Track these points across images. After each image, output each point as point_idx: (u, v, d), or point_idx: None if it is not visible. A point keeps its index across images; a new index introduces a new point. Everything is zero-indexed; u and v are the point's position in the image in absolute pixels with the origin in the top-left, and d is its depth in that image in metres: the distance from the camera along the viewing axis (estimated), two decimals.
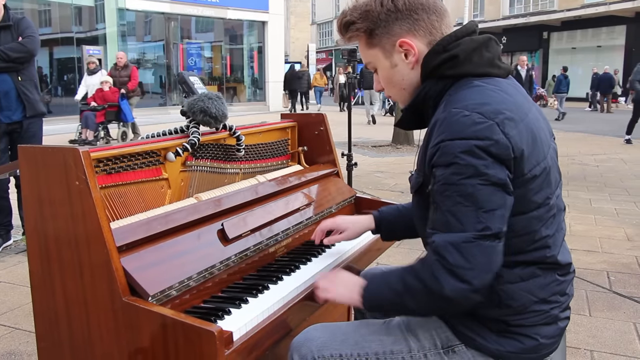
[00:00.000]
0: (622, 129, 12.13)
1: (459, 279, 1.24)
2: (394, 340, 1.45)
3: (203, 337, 1.25)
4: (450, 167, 1.24)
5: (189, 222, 1.64)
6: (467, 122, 1.24)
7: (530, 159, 1.28)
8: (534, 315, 1.36)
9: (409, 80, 1.45)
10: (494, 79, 1.37)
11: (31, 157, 1.49)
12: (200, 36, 22.87)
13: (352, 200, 2.42)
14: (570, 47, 29.72)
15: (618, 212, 5.75)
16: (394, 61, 1.45)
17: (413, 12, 1.39)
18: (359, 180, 7.18)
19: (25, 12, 15.69)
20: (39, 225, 1.51)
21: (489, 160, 1.22)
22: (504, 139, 1.23)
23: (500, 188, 1.23)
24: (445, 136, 1.26)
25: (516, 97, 1.35)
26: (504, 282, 1.33)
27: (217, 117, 1.92)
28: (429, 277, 1.27)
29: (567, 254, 1.44)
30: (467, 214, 1.23)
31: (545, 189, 1.33)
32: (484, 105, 1.26)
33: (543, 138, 1.35)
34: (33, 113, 4.28)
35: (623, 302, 3.44)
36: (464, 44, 1.37)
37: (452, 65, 1.36)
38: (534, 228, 1.32)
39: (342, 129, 5.69)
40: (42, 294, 1.56)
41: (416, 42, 1.41)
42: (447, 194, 1.25)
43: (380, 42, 1.44)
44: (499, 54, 1.43)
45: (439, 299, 1.27)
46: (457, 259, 1.23)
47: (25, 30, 4.17)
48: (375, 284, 1.43)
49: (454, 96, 1.33)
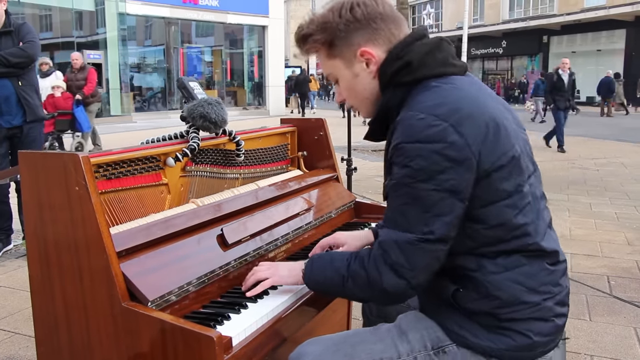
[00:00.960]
0: (622, 132, 12.16)
1: (398, 275, 1.32)
2: (382, 348, 1.44)
3: (202, 343, 1.25)
4: (404, 169, 1.28)
5: (189, 228, 1.65)
6: (422, 125, 1.27)
7: (493, 151, 1.29)
8: (526, 307, 1.35)
9: (371, 89, 1.46)
10: (449, 77, 1.38)
11: (32, 163, 1.50)
12: (201, 40, 22.93)
13: (351, 205, 2.42)
14: (570, 51, 29.75)
15: (618, 216, 5.75)
16: (355, 71, 1.46)
17: (372, 22, 1.41)
18: (359, 184, 7.18)
19: (26, 17, 15.74)
20: (38, 230, 1.52)
21: (445, 164, 1.25)
22: (459, 139, 1.25)
23: (452, 195, 1.27)
24: (402, 139, 1.29)
25: (474, 93, 1.36)
26: (487, 272, 1.34)
27: (217, 122, 1.92)
28: (372, 268, 1.35)
29: (552, 241, 1.42)
30: (415, 215, 1.29)
31: (516, 177, 1.33)
32: (439, 106, 1.29)
33: (509, 128, 1.35)
34: (33, 118, 4.29)
35: (623, 307, 3.44)
36: (416, 49, 1.39)
37: (408, 71, 1.38)
38: (508, 217, 1.33)
39: (341, 133, 5.70)
40: (41, 298, 1.57)
41: (376, 50, 1.42)
42: (399, 193, 1.31)
43: (340, 52, 1.45)
44: (452, 53, 1.44)
45: (378, 290, 1.35)
46: (399, 258, 1.31)
47: (26, 35, 4.19)
48: (320, 263, 1.50)
49: (411, 100, 1.36)
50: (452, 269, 1.38)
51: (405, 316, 1.53)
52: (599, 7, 26.40)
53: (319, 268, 1.49)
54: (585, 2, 27.53)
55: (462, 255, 1.36)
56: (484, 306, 1.36)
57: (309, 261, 1.53)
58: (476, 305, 1.37)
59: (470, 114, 1.29)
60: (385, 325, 1.52)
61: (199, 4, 20.79)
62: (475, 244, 1.35)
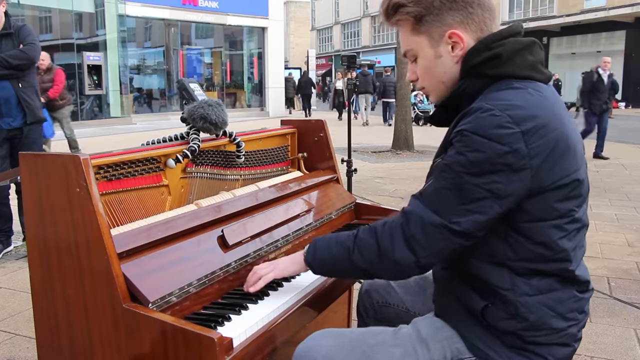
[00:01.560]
0: (622, 134, 12.17)
1: (411, 249, 1.32)
2: (402, 352, 1.40)
3: (203, 344, 1.25)
4: (460, 156, 1.26)
5: (189, 229, 1.65)
6: (494, 122, 1.22)
7: (556, 169, 1.26)
8: (552, 332, 1.33)
9: (451, 73, 1.40)
10: (535, 83, 1.33)
11: (32, 164, 1.50)
12: (200, 42, 22.93)
13: (352, 207, 2.42)
14: (570, 52, 29.79)
15: (618, 217, 5.75)
16: (440, 52, 1.39)
17: (468, 5, 1.35)
18: (359, 186, 7.18)
19: (26, 19, 15.74)
20: (39, 231, 1.52)
21: (499, 167, 1.22)
22: (524, 148, 1.21)
23: (494, 197, 1.24)
24: (469, 127, 1.25)
25: (555, 105, 1.31)
26: (520, 293, 1.31)
27: (217, 123, 1.92)
28: (386, 236, 1.35)
29: (585, 271, 1.41)
30: (450, 202, 1.28)
31: (572, 200, 1.30)
32: (517, 108, 1.24)
33: (579, 151, 1.32)
34: (33, 119, 4.29)
35: (624, 308, 3.44)
36: (508, 44, 1.33)
37: (494, 64, 1.33)
38: (554, 237, 1.30)
39: (339, 135, 5.70)
40: (42, 300, 1.57)
41: (466, 35, 1.36)
42: (445, 175, 1.29)
43: (428, 29, 1.38)
44: (542, 59, 1.38)
45: (385, 259, 1.35)
46: (418, 233, 1.30)
47: (26, 37, 4.19)
48: (324, 241, 1.50)
49: (491, 94, 1.30)
50: (483, 283, 1.34)
51: (424, 321, 1.49)
52: (599, 9, 26.42)
53: (323, 247, 1.49)
54: (585, 4, 27.55)
55: (497, 269, 1.32)
56: (510, 326, 1.33)
57: (312, 243, 1.53)
58: (503, 324, 1.34)
59: (544, 125, 1.24)
60: (405, 329, 1.48)
61: (199, 6, 20.80)
62: (516, 256, 1.31)
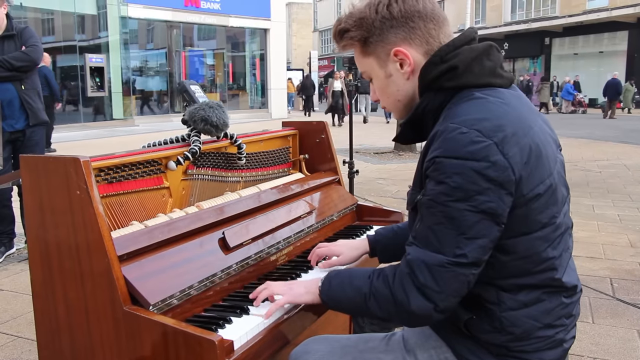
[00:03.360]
0: (625, 134, 12.15)
1: (426, 298, 1.24)
2: (392, 359, 1.41)
3: (204, 346, 1.25)
4: (440, 185, 1.21)
5: (190, 231, 1.64)
6: (464, 140, 1.18)
7: (533, 177, 1.23)
8: (538, 341, 1.31)
9: (404, 91, 1.40)
10: (496, 89, 1.30)
11: (33, 167, 1.50)
12: (203, 44, 22.96)
13: (353, 208, 2.42)
14: (572, 52, 29.76)
15: (621, 218, 5.74)
16: (389, 71, 1.39)
17: (409, 20, 1.33)
18: (361, 187, 7.17)
19: (28, 21, 15.78)
20: (40, 233, 1.52)
21: (484, 185, 1.17)
22: (502, 159, 1.18)
23: (489, 217, 1.19)
24: (440, 152, 1.21)
25: (520, 110, 1.28)
26: (506, 308, 1.29)
27: (218, 125, 1.92)
28: (398, 288, 1.28)
29: (573, 274, 1.38)
30: (448, 236, 1.21)
31: (551, 207, 1.27)
32: (483, 120, 1.21)
33: (549, 152, 1.29)
34: (36, 122, 4.30)
35: (626, 309, 3.43)
36: (463, 54, 1.30)
37: (452, 76, 1.30)
38: (539, 249, 1.27)
39: (340, 137, 5.70)
40: (43, 302, 1.57)
41: (412, 51, 1.35)
42: (433, 211, 1.23)
43: (375, 50, 1.38)
44: (501, 62, 1.36)
45: (403, 311, 1.28)
46: (428, 280, 1.23)
47: (28, 39, 4.20)
48: (338, 280, 1.42)
49: (453, 109, 1.27)
50: (468, 296, 1.30)
51: (412, 330, 1.48)
52: (601, 9, 26.37)
53: (338, 285, 1.41)
54: (588, 4, 27.50)
55: (482, 285, 1.29)
56: (495, 339, 1.31)
57: (326, 278, 1.45)
58: (488, 337, 1.32)
59: (514, 133, 1.21)
60: (397, 335, 1.48)
61: (201, 7, 20.83)
62: (497, 275, 1.29)
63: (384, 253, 1.82)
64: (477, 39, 1.39)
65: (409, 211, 1.41)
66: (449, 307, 1.26)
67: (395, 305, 1.29)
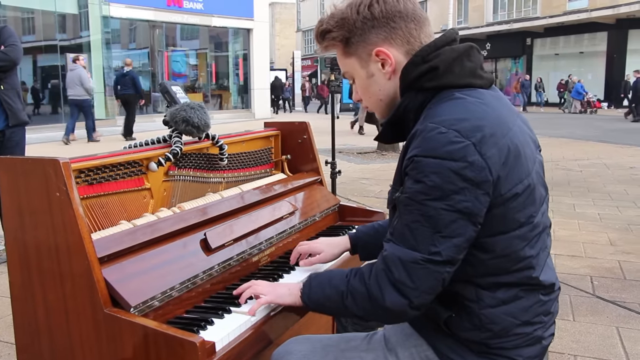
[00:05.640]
0: (605, 134, 12.29)
1: (401, 294, 1.26)
2: (373, 357, 1.42)
3: (185, 348, 1.25)
4: (418, 184, 1.22)
5: (172, 232, 1.64)
6: (443, 140, 1.20)
7: (511, 177, 1.24)
8: (516, 338, 1.33)
9: (386, 91, 1.41)
10: (476, 90, 1.32)
11: (11, 168, 1.48)
12: (185, 44, 22.84)
13: (335, 208, 2.42)
14: (553, 53, 30.07)
15: (601, 217, 5.81)
16: (371, 71, 1.40)
17: (390, 20, 1.35)
18: (344, 187, 7.19)
19: (8, 20, 15.60)
20: (19, 236, 1.50)
21: (461, 184, 1.19)
22: (480, 160, 1.19)
23: (465, 217, 1.21)
24: (419, 151, 1.22)
25: (499, 110, 1.30)
26: (484, 306, 1.31)
27: (200, 126, 1.92)
28: (373, 283, 1.30)
29: (550, 272, 1.39)
30: (424, 234, 1.23)
31: (529, 206, 1.29)
32: (462, 121, 1.22)
33: (528, 153, 1.31)
34: (16, 122, 4.24)
35: (606, 307, 3.47)
36: (444, 54, 1.32)
37: (432, 77, 1.32)
38: (516, 248, 1.29)
39: (324, 137, 5.69)
40: (22, 305, 1.55)
41: (393, 51, 1.36)
42: (410, 209, 1.24)
43: (356, 51, 1.40)
44: (481, 62, 1.38)
45: (378, 307, 1.29)
46: (403, 276, 1.25)
47: (7, 39, 4.15)
48: (318, 282, 1.44)
49: (433, 109, 1.29)
50: (447, 294, 1.32)
51: (393, 329, 1.49)
52: (581, 10, 26.70)
53: (318, 286, 1.43)
54: (568, 5, 27.83)
55: (461, 283, 1.31)
56: (475, 337, 1.33)
57: (307, 280, 1.46)
58: (467, 335, 1.33)
59: (493, 134, 1.22)
60: (378, 334, 1.49)
61: (184, 7, 20.71)
62: (475, 273, 1.30)
63: (365, 250, 1.83)
64: (458, 39, 1.40)
65: (389, 209, 1.43)
66: (423, 303, 1.27)
67: (370, 302, 1.31)
